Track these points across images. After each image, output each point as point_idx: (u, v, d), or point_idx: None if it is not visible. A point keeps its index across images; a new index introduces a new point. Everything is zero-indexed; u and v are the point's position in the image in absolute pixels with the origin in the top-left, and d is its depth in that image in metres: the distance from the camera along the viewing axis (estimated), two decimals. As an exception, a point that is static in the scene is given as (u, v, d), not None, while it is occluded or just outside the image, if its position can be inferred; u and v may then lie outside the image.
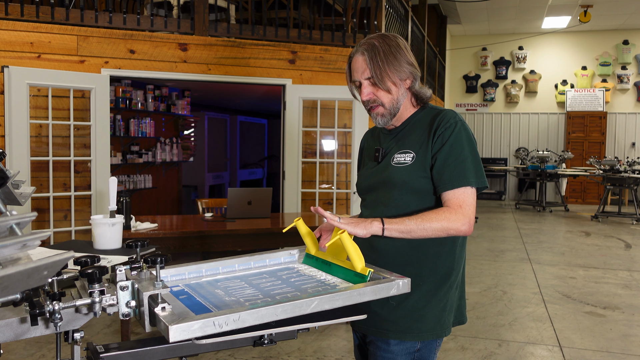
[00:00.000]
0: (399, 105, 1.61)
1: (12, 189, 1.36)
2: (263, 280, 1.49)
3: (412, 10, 8.54)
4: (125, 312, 1.15)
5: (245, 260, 1.60)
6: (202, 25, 5.13)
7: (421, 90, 1.63)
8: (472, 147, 1.55)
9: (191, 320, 1.05)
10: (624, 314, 4.38)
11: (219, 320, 1.08)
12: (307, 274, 1.54)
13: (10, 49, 4.45)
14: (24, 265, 0.83)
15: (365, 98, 1.60)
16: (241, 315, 1.10)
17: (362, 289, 1.26)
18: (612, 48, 12.35)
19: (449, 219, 1.47)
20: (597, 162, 9.69)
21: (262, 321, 1.13)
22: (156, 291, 1.12)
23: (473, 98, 13.24)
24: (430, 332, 1.57)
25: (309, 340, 3.66)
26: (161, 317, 1.07)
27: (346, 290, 1.24)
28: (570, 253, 6.78)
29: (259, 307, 1.13)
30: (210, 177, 9.70)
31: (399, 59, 1.56)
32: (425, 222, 1.46)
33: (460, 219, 1.48)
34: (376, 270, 1.40)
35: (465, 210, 1.49)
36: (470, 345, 3.66)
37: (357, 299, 1.25)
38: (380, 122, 1.63)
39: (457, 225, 1.47)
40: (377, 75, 1.55)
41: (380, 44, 1.56)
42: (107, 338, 3.72)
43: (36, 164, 4.58)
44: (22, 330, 1.09)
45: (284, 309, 1.15)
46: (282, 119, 5.43)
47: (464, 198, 1.49)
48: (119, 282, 1.14)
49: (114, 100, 6.76)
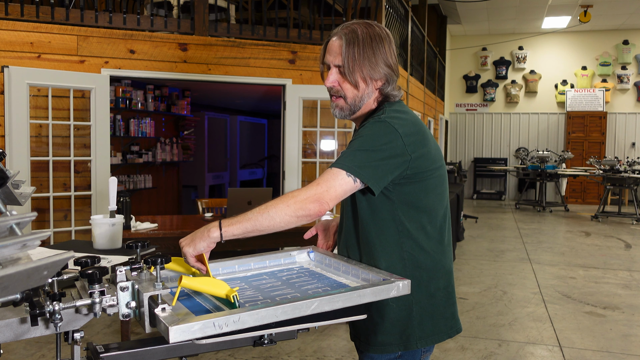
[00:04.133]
0: (362, 103, 1.50)
1: (12, 189, 1.36)
2: (263, 281, 1.49)
3: (412, 10, 8.54)
4: (125, 313, 1.15)
5: (245, 261, 1.61)
6: (202, 25, 5.13)
7: (392, 93, 1.51)
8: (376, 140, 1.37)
9: (191, 321, 1.06)
10: (624, 314, 4.38)
11: (219, 321, 1.08)
12: (308, 276, 1.54)
13: (10, 49, 4.45)
14: (24, 265, 0.83)
15: (329, 85, 1.49)
16: (241, 316, 1.10)
17: (362, 291, 1.26)
18: (612, 48, 12.35)
19: (295, 197, 1.29)
20: (597, 162, 9.69)
21: (262, 322, 1.13)
22: (156, 292, 1.12)
23: (473, 98, 13.24)
24: (397, 344, 1.45)
25: (309, 340, 3.66)
26: (161, 318, 1.07)
27: (346, 292, 1.24)
28: (570, 253, 6.77)
29: (259, 309, 1.13)
30: (210, 177, 9.70)
31: (377, 56, 1.45)
32: (270, 208, 1.29)
33: (306, 194, 1.29)
34: (377, 272, 1.39)
35: (319, 188, 1.30)
36: (470, 345, 3.66)
37: (357, 301, 1.25)
38: (337, 115, 1.53)
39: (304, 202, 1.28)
40: (348, 66, 1.44)
41: (362, 34, 1.44)
42: (107, 338, 3.71)
43: (36, 164, 4.58)
44: (22, 330, 1.09)
45: (284, 310, 1.15)
46: (282, 119, 5.43)
47: (326, 177, 1.33)
48: (119, 283, 1.14)
49: (114, 100, 6.75)
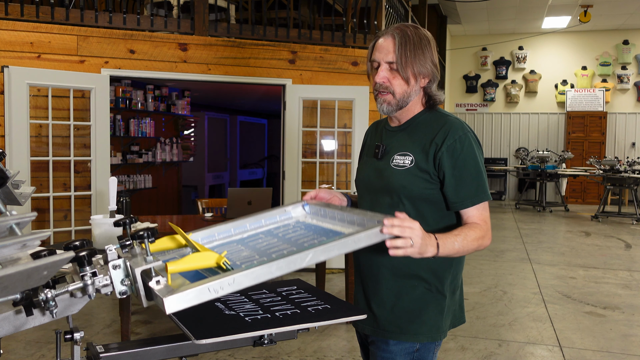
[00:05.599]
0: (409, 99, 1.58)
1: (12, 189, 1.36)
2: (259, 241, 1.45)
3: (412, 10, 8.54)
4: (121, 290, 1.13)
5: (240, 223, 1.56)
6: (202, 25, 5.13)
7: (435, 93, 1.62)
8: (482, 160, 1.58)
9: (186, 289, 1.02)
10: (624, 314, 4.38)
11: (213, 285, 1.04)
12: (304, 229, 1.48)
13: (10, 49, 4.45)
14: (24, 265, 0.83)
15: (379, 81, 1.56)
16: (236, 277, 1.07)
17: (357, 236, 1.23)
18: (612, 48, 12.35)
19: (482, 237, 1.51)
20: (597, 162, 9.69)
21: (257, 281, 1.09)
22: (148, 265, 1.09)
23: (473, 98, 13.23)
24: (426, 335, 1.57)
25: (309, 340, 3.66)
26: (156, 290, 1.05)
27: (340, 239, 1.20)
28: (570, 253, 6.77)
29: (253, 268, 1.09)
30: (210, 177, 9.70)
31: (426, 54, 1.55)
32: (468, 243, 1.48)
33: (488, 235, 1.54)
34: (371, 216, 1.35)
35: (489, 226, 1.55)
36: (470, 345, 3.66)
37: (352, 247, 1.22)
38: (384, 110, 1.60)
39: (487, 241, 1.53)
40: (401, 62, 1.53)
41: (411, 34, 1.55)
42: (107, 338, 3.71)
43: (36, 164, 4.58)
44: (21, 322, 1.09)
45: (279, 265, 1.12)
46: (282, 119, 5.43)
47: (486, 214, 1.55)
48: (110, 262, 1.13)
49: (114, 100, 6.76)
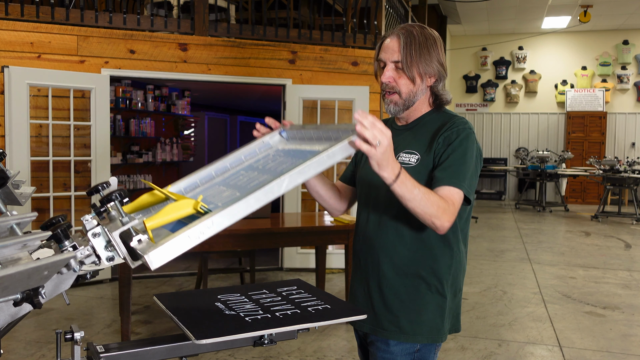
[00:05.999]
0: (416, 99, 1.60)
1: (12, 189, 1.36)
2: (240, 177, 1.40)
3: (412, 10, 8.55)
4: (108, 256, 1.10)
5: (221, 164, 1.49)
6: (202, 25, 5.13)
7: (442, 92, 1.62)
8: (477, 157, 1.55)
9: (165, 241, 0.99)
10: (624, 314, 4.38)
11: (193, 232, 1.02)
12: (283, 156, 1.42)
13: (10, 49, 4.45)
14: (24, 265, 0.83)
15: (385, 80, 1.58)
16: (214, 219, 1.04)
17: (331, 150, 1.19)
18: (612, 48, 12.35)
19: (442, 210, 1.43)
20: (597, 162, 9.69)
21: (237, 218, 1.07)
22: (124, 227, 1.06)
23: (473, 98, 13.24)
24: (426, 336, 1.57)
25: (309, 340, 3.66)
26: (138, 250, 1.02)
27: (314, 158, 1.17)
28: (570, 253, 6.78)
29: (230, 205, 1.06)
30: (210, 177, 9.69)
31: (432, 54, 1.56)
32: (427, 201, 1.41)
33: (448, 214, 1.44)
34: (345, 126, 1.31)
35: (454, 210, 1.46)
36: (470, 345, 3.66)
37: (328, 162, 1.19)
38: (391, 111, 1.61)
39: (444, 219, 1.43)
40: (406, 61, 1.54)
41: (417, 34, 1.56)
42: (107, 338, 3.72)
43: (36, 164, 4.58)
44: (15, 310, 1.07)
45: (257, 197, 1.09)
46: (282, 118, 5.43)
47: (457, 198, 1.47)
48: (89, 231, 1.09)
49: (114, 100, 6.76)
